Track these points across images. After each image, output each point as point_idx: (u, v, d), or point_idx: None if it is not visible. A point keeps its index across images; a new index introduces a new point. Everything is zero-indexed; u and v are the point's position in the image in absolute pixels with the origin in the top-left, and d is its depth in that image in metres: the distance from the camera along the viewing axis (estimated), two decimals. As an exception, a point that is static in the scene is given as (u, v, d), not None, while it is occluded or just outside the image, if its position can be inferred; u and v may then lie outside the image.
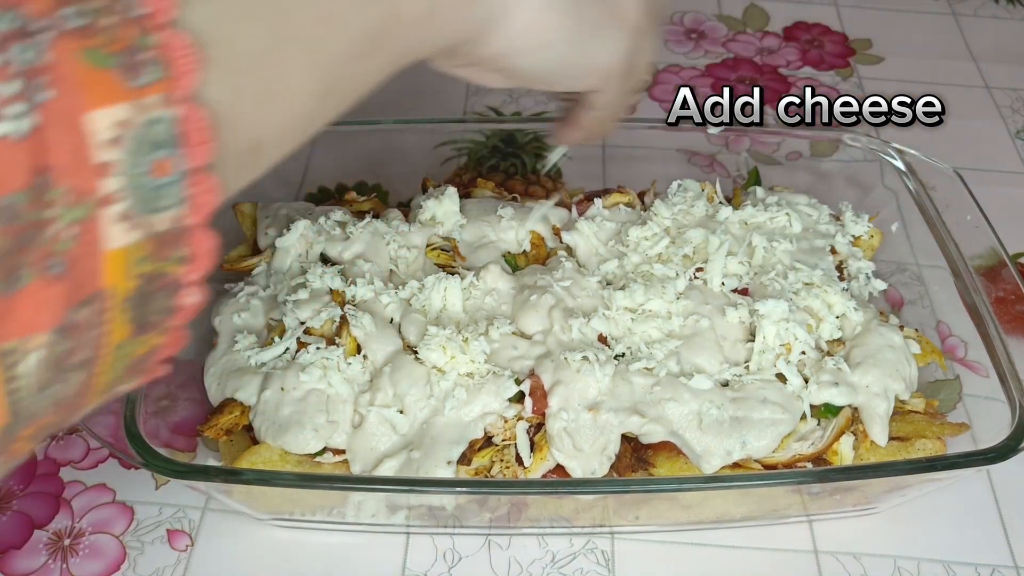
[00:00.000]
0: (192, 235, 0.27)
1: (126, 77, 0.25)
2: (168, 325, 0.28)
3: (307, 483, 0.52)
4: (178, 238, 0.27)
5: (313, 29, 0.31)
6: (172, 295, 0.28)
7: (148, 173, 0.25)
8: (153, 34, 0.25)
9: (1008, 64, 1.02)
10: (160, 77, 0.25)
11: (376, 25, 0.33)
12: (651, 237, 0.66)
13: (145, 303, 0.27)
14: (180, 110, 0.26)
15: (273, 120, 0.31)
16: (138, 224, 0.26)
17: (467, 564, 0.59)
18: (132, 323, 0.27)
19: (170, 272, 0.27)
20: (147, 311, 0.27)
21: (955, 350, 0.66)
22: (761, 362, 0.59)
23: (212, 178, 0.27)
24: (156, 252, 0.26)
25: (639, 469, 0.56)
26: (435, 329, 0.57)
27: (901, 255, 0.72)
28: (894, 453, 0.58)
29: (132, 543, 0.59)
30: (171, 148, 0.26)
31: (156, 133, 0.25)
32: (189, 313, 0.29)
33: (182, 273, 0.27)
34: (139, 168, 0.25)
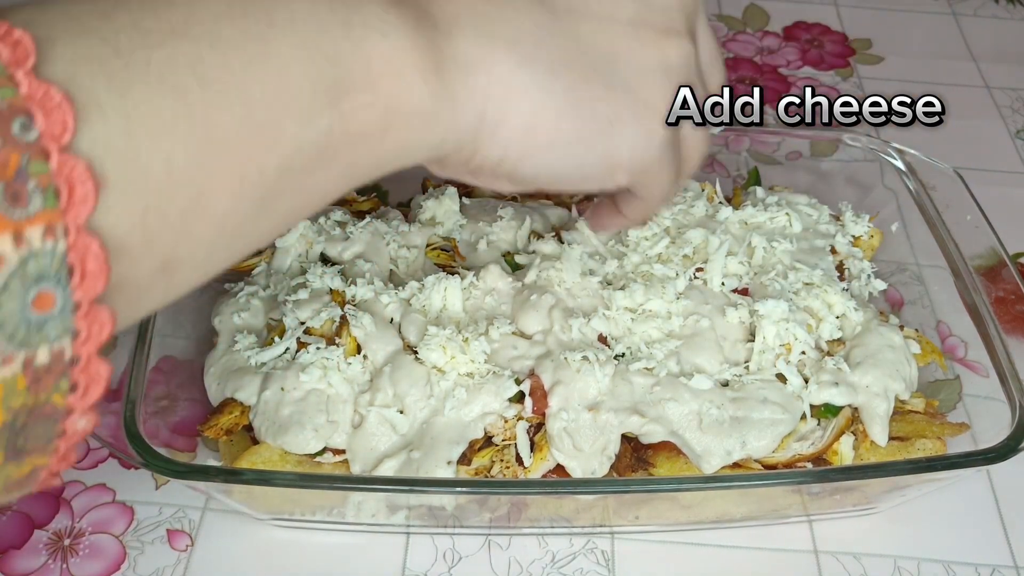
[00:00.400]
0: (80, 365, 0.25)
1: (7, 208, 0.22)
2: (53, 447, 0.26)
3: (307, 483, 0.52)
4: (61, 370, 0.24)
5: (241, 142, 0.28)
6: (55, 423, 0.25)
7: (27, 308, 0.23)
8: (44, 160, 0.23)
9: (1008, 64, 1.02)
10: (48, 207, 0.23)
11: (318, 139, 0.30)
12: (651, 237, 0.66)
13: (20, 433, 0.24)
14: (69, 241, 0.24)
15: (189, 239, 0.28)
16: (11, 359, 0.23)
17: (467, 564, 0.59)
18: (4, 451, 0.24)
19: (52, 402, 0.25)
20: (23, 439, 0.25)
21: (955, 350, 0.66)
22: (761, 362, 0.59)
23: (105, 309, 0.25)
24: (33, 385, 0.24)
25: (639, 469, 0.56)
26: (435, 329, 0.57)
27: (901, 255, 0.72)
28: (894, 453, 0.58)
29: (132, 543, 0.59)
30: (55, 282, 0.23)
31: (39, 267, 0.23)
32: (78, 436, 0.26)
33: (67, 403, 0.25)
34: (14, 304, 0.23)
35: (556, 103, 0.36)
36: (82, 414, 0.26)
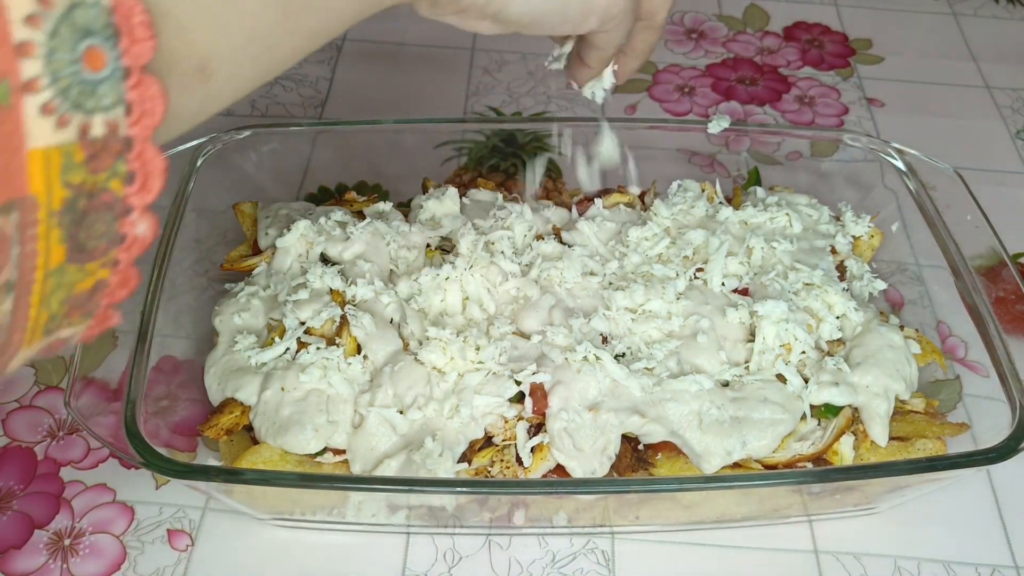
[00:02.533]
0: (135, 149, 0.24)
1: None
2: (112, 256, 0.25)
3: (307, 483, 0.52)
4: (118, 149, 0.24)
5: None
6: (114, 219, 0.25)
7: (79, 61, 0.23)
8: None
9: (1008, 64, 1.02)
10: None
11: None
12: (651, 237, 0.66)
13: (81, 221, 0.24)
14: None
15: (224, 37, 0.28)
16: (67, 121, 0.23)
17: (467, 564, 0.59)
18: (66, 243, 0.24)
19: (110, 189, 0.24)
20: (85, 232, 0.24)
21: (955, 350, 0.66)
22: (761, 362, 0.59)
23: (156, 82, 0.24)
24: (91, 160, 0.23)
25: (639, 469, 0.56)
26: (435, 330, 0.57)
27: (901, 255, 0.72)
28: (894, 453, 0.58)
29: (132, 543, 0.59)
30: (103, 37, 0.23)
31: (84, 17, 0.23)
32: (137, 246, 0.26)
33: (125, 193, 0.25)
34: (66, 54, 0.22)
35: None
36: (141, 215, 0.25)
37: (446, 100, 0.93)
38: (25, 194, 0.22)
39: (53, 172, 0.23)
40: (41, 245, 0.23)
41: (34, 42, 0.22)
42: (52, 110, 0.22)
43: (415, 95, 0.92)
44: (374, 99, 0.92)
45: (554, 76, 0.62)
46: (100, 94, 0.23)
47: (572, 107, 0.93)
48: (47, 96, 0.22)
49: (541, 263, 0.64)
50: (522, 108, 0.93)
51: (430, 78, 0.94)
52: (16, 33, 0.21)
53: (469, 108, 0.92)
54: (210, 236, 0.70)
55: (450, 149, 0.84)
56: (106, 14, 0.23)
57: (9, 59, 0.21)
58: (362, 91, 0.93)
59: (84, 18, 0.22)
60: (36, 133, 0.22)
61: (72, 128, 0.23)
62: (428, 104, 0.91)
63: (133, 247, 0.26)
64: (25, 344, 0.25)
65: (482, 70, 0.96)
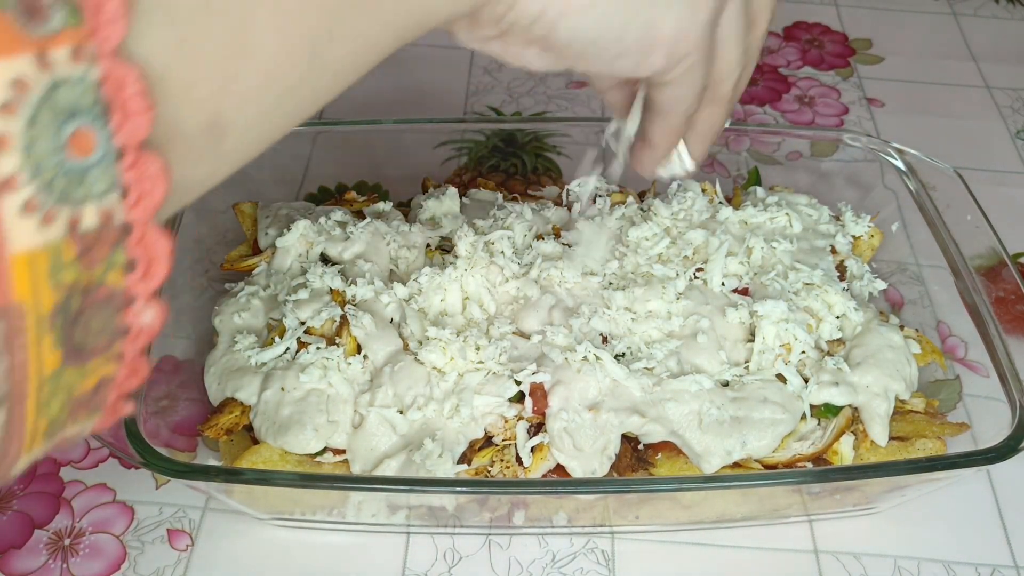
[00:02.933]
0: (134, 234, 0.22)
1: (25, 22, 0.19)
2: (116, 351, 0.23)
3: (307, 483, 0.52)
4: (114, 239, 0.21)
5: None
6: (115, 312, 0.22)
7: (63, 149, 0.20)
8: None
9: (1008, 64, 1.02)
10: (71, 24, 0.20)
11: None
12: (651, 237, 0.66)
13: (76, 321, 0.21)
14: (102, 67, 0.20)
15: (235, 88, 0.24)
16: (53, 217, 0.20)
17: (467, 564, 0.59)
18: (61, 347, 0.21)
19: (107, 283, 0.21)
20: (81, 332, 0.21)
21: (955, 350, 0.66)
22: (761, 362, 0.59)
23: (156, 159, 0.22)
24: (84, 255, 0.21)
25: (639, 469, 0.56)
26: (435, 330, 0.57)
27: (901, 255, 0.72)
28: (894, 453, 0.58)
29: (132, 543, 0.59)
30: (92, 117, 0.20)
31: (70, 97, 0.20)
32: (144, 336, 0.23)
33: (125, 284, 0.22)
34: (48, 142, 0.20)
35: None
36: (146, 303, 0.22)
37: (446, 100, 0.93)
38: (10, 303, 0.20)
39: (40, 275, 0.20)
40: (32, 353, 0.21)
41: (9, 133, 0.19)
42: (35, 207, 0.20)
43: (415, 95, 0.91)
44: (374, 99, 0.92)
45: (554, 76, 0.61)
46: (90, 182, 0.20)
47: (572, 107, 0.93)
48: (28, 193, 0.19)
49: (541, 263, 0.64)
50: (522, 108, 0.93)
51: (430, 78, 0.94)
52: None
53: (469, 108, 0.92)
54: (210, 236, 0.70)
55: (450, 149, 0.84)
56: (93, 90, 0.20)
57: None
58: (362, 91, 0.93)
59: (68, 98, 0.20)
60: (18, 235, 0.19)
61: (59, 224, 0.20)
62: (428, 104, 0.91)
63: (139, 338, 0.23)
64: (25, 451, 0.22)
65: (482, 70, 0.96)
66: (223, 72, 0.24)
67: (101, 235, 0.21)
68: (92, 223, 0.21)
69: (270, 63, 0.25)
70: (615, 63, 0.36)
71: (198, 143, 0.24)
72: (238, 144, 0.26)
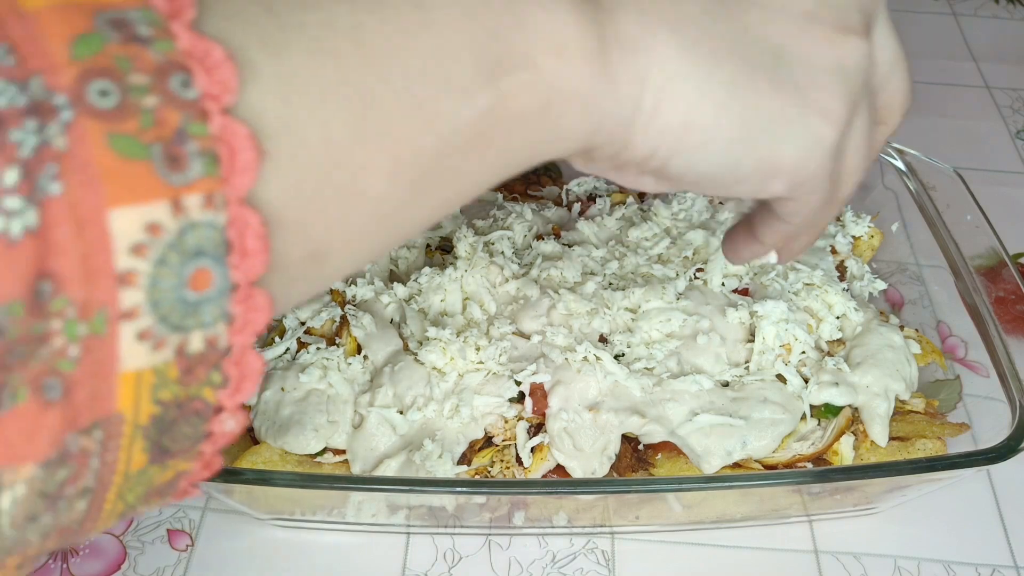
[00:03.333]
0: (233, 357, 0.23)
1: (165, 171, 0.20)
2: (197, 450, 0.24)
3: (307, 483, 0.52)
4: (215, 360, 0.23)
5: (399, 118, 0.25)
6: (202, 421, 0.23)
7: (183, 286, 0.21)
8: (204, 121, 0.21)
9: (1008, 64, 1.02)
10: (208, 174, 0.21)
11: (476, 119, 0.27)
12: (651, 238, 0.66)
13: (167, 430, 0.23)
14: (229, 214, 0.21)
15: (342, 225, 0.26)
16: (164, 343, 0.21)
17: (467, 564, 0.59)
18: (149, 451, 0.23)
19: (202, 396, 0.23)
20: (169, 438, 0.23)
21: (955, 350, 0.66)
22: (761, 362, 0.59)
23: (263, 294, 0.23)
24: (185, 376, 0.22)
25: (639, 469, 0.56)
26: (435, 330, 0.57)
27: (901, 255, 0.72)
28: (894, 453, 0.58)
29: (132, 543, 0.59)
30: (214, 258, 0.21)
31: (197, 240, 0.21)
32: (224, 439, 0.24)
33: (218, 398, 0.23)
34: (171, 280, 0.21)
35: (717, 96, 0.32)
36: (231, 413, 0.24)
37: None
38: (112, 413, 0.21)
39: (144, 391, 0.21)
40: (123, 455, 0.22)
41: (137, 272, 0.20)
42: (149, 335, 0.21)
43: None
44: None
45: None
46: (202, 313, 0.22)
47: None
48: (146, 324, 0.21)
49: (541, 263, 0.64)
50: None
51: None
52: (119, 263, 0.20)
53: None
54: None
55: (450, 149, 0.84)
56: (220, 233, 0.21)
57: (109, 290, 0.20)
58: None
59: (195, 241, 0.21)
60: (129, 358, 0.21)
61: (168, 349, 0.21)
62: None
63: (219, 441, 0.24)
64: (96, 530, 0.24)
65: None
66: (335, 210, 0.25)
67: (204, 357, 0.22)
68: (198, 347, 0.22)
69: (378, 205, 0.26)
70: (732, 188, 0.35)
71: (300, 270, 0.25)
72: (336, 269, 0.27)
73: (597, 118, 0.31)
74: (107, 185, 0.20)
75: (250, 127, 0.22)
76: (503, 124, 0.28)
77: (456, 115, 0.27)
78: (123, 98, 0.20)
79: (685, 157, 0.33)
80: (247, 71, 0.22)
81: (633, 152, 0.32)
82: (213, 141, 0.21)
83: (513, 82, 0.28)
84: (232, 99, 0.22)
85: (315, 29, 0.24)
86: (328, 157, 0.24)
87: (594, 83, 0.30)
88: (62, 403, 0.20)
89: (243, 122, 0.22)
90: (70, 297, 0.20)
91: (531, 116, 0.29)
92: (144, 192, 0.20)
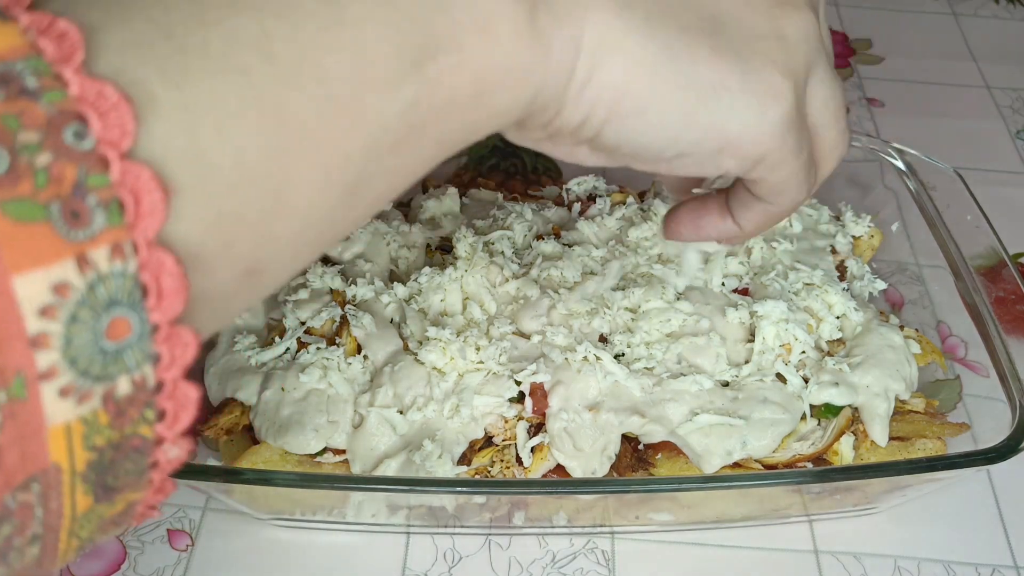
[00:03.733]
0: (165, 392, 0.22)
1: (65, 229, 0.20)
2: (144, 482, 0.23)
3: (307, 483, 0.52)
4: (145, 400, 0.22)
5: (320, 126, 0.24)
6: (143, 456, 0.23)
7: (100, 339, 0.21)
8: (103, 171, 0.20)
9: (1008, 64, 1.02)
10: (112, 224, 0.20)
11: (405, 113, 0.26)
12: (651, 238, 0.66)
13: (107, 471, 0.22)
14: (139, 260, 0.21)
15: (273, 241, 0.25)
16: (89, 395, 0.21)
17: (467, 564, 0.59)
18: (92, 492, 0.22)
19: (139, 434, 0.22)
20: (112, 477, 0.22)
21: (955, 350, 0.66)
22: (761, 362, 0.59)
23: (186, 329, 0.22)
24: (116, 419, 0.22)
25: (639, 469, 0.56)
26: (435, 330, 0.57)
27: (901, 255, 0.72)
28: (894, 453, 0.58)
29: (132, 543, 0.59)
30: (129, 306, 0.21)
31: (108, 292, 0.20)
32: (171, 465, 0.24)
33: (156, 432, 0.23)
34: (86, 336, 0.20)
35: (653, 61, 0.30)
36: (173, 442, 0.23)
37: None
38: (47, 466, 0.21)
39: (76, 440, 0.21)
40: (67, 500, 0.22)
41: (49, 333, 0.20)
42: (71, 390, 0.20)
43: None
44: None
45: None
46: (124, 359, 0.21)
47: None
48: (66, 380, 0.20)
49: (541, 263, 0.64)
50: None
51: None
52: (30, 327, 0.19)
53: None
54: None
55: (450, 149, 0.84)
56: (131, 280, 0.21)
57: (23, 354, 0.20)
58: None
59: (107, 293, 0.20)
60: (55, 414, 0.20)
61: (95, 399, 0.21)
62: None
63: (167, 468, 0.24)
64: (56, 566, 0.24)
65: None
66: (261, 230, 0.24)
67: (134, 399, 0.22)
68: (125, 391, 0.21)
69: (306, 214, 0.25)
70: (674, 164, 0.34)
71: (233, 288, 0.25)
72: (272, 279, 0.26)
73: (531, 90, 0.29)
74: (6, 252, 0.19)
75: (154, 167, 0.21)
76: (433, 112, 0.27)
77: (382, 112, 0.26)
78: (13, 160, 0.19)
79: (619, 125, 0.32)
80: (146, 106, 0.21)
81: (565, 120, 0.31)
82: (115, 189, 0.20)
83: (439, 68, 0.27)
84: (130, 142, 0.21)
85: (219, 46, 0.23)
86: (245, 179, 0.23)
87: (525, 55, 0.29)
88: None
89: (145, 164, 0.21)
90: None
91: (462, 100, 0.28)
92: (46, 254, 0.19)
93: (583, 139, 0.33)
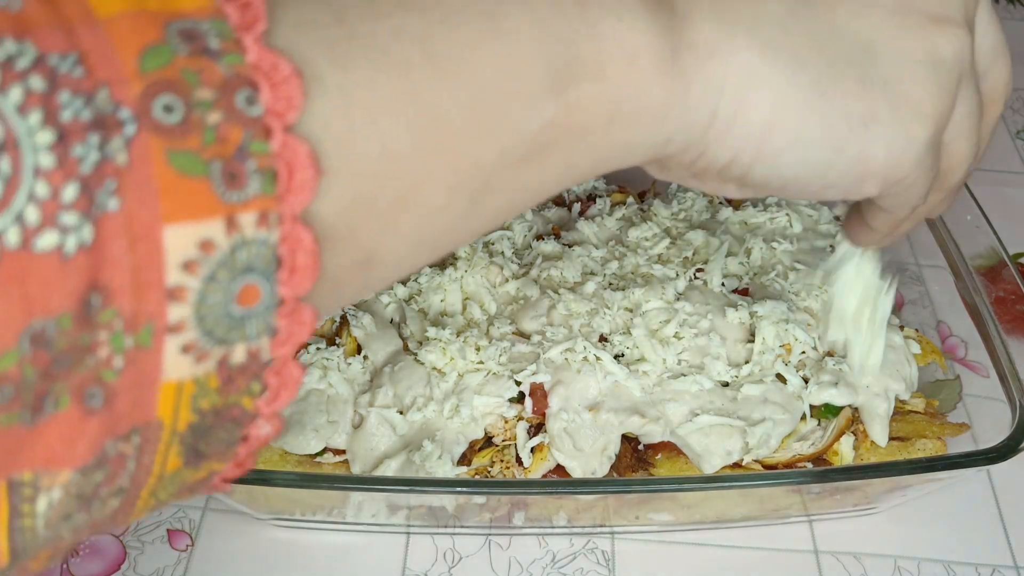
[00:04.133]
0: (274, 367, 0.23)
1: (222, 189, 0.20)
2: (231, 454, 0.24)
3: (307, 483, 0.52)
4: (256, 371, 0.23)
5: (463, 129, 0.25)
6: (239, 427, 0.23)
7: (231, 302, 0.21)
8: (266, 139, 0.21)
9: (1008, 64, 1.02)
10: (264, 192, 0.21)
11: (540, 130, 0.27)
12: (651, 238, 0.66)
13: (203, 436, 0.23)
14: (282, 232, 0.21)
15: (394, 235, 0.25)
16: (207, 356, 0.21)
17: (467, 564, 0.59)
18: (184, 455, 0.23)
19: (240, 404, 0.23)
20: (205, 443, 0.23)
21: (955, 350, 0.66)
22: (761, 362, 0.59)
23: (308, 308, 0.23)
24: (225, 386, 0.22)
25: (639, 469, 0.56)
26: (435, 330, 0.57)
27: (901, 255, 0.72)
28: (894, 453, 0.58)
29: (132, 543, 0.59)
30: (263, 275, 0.21)
31: (248, 257, 0.21)
32: (259, 443, 0.24)
33: (255, 405, 0.23)
34: (219, 296, 0.21)
35: (801, 98, 0.31)
36: (268, 419, 0.24)
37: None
38: (151, 420, 0.21)
39: (184, 400, 0.22)
40: (159, 459, 0.22)
41: (187, 288, 0.20)
42: (193, 348, 0.21)
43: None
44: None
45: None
46: (247, 327, 0.22)
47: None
48: (190, 337, 0.21)
49: (541, 263, 0.64)
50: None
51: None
52: (170, 279, 0.20)
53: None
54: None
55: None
56: (271, 250, 0.21)
57: (158, 304, 0.20)
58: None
59: (247, 258, 0.21)
60: (172, 369, 0.21)
61: (211, 361, 0.21)
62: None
63: (255, 444, 0.24)
64: (127, 523, 0.24)
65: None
66: (387, 221, 0.25)
67: (245, 369, 0.22)
68: (240, 359, 0.22)
69: (432, 213, 0.26)
70: (822, 193, 0.34)
71: (348, 277, 0.25)
72: (384, 276, 0.27)
73: (668, 129, 0.30)
74: (164, 202, 0.19)
75: (311, 146, 0.22)
76: (566, 135, 0.27)
77: (520, 126, 0.26)
78: (187, 114, 0.20)
79: (769, 163, 0.32)
80: (313, 85, 0.22)
81: (711, 160, 0.31)
82: (273, 159, 0.21)
83: (580, 92, 0.27)
84: (295, 116, 0.21)
85: (385, 39, 0.24)
86: (386, 169, 0.24)
87: (665, 94, 0.29)
88: (103, 411, 0.20)
89: (304, 141, 0.21)
90: (119, 310, 0.20)
91: (595, 128, 0.28)
92: (200, 210, 0.20)
93: (731, 178, 0.33)
